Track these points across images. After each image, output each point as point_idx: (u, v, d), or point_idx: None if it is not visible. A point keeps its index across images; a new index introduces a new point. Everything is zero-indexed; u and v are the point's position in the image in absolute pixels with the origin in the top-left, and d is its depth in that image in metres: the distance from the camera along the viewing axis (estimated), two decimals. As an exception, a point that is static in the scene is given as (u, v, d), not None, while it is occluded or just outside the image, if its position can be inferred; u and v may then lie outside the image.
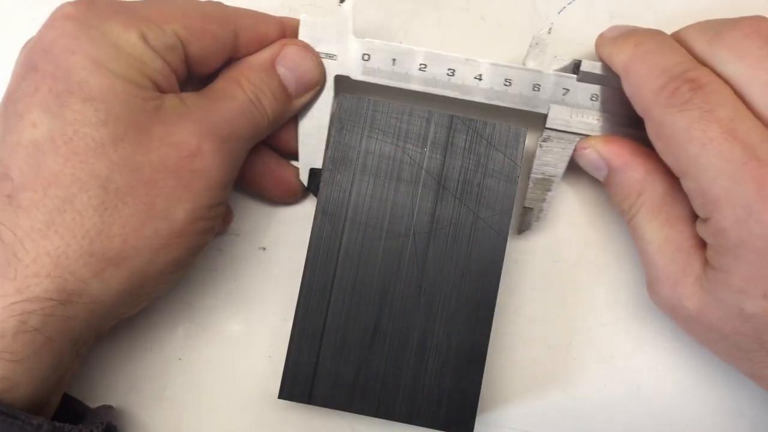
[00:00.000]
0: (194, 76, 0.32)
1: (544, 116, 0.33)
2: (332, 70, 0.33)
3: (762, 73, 0.28)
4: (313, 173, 0.34)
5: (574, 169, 0.34)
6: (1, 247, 0.26)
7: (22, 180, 0.27)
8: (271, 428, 0.35)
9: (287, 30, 0.33)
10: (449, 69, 0.33)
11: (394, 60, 0.33)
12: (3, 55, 0.32)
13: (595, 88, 0.33)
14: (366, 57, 0.33)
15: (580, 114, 0.33)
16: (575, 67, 0.33)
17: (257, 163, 0.34)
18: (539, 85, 0.33)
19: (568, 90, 0.33)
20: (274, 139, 0.34)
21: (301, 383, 0.32)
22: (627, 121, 0.33)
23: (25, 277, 0.26)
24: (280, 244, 0.36)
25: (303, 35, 0.33)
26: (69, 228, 0.27)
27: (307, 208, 0.36)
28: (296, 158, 0.34)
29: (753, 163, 0.26)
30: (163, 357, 0.35)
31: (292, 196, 0.35)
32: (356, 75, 0.33)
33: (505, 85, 0.33)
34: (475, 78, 0.33)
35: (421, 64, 0.33)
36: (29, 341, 0.26)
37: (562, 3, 0.37)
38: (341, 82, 0.34)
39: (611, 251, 0.36)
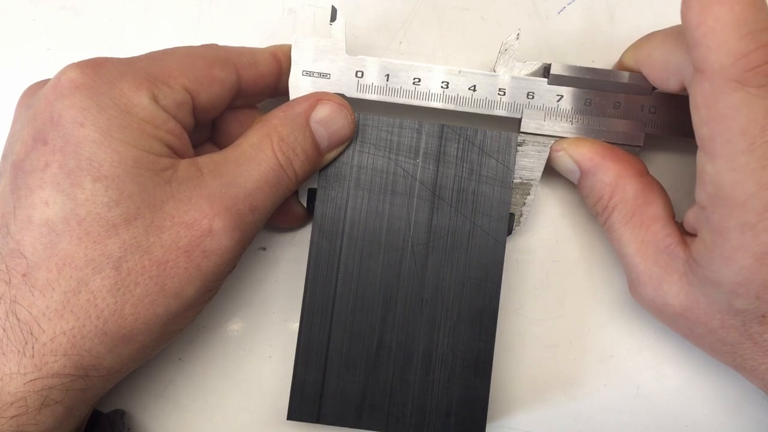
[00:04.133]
0: (199, 123, 0.31)
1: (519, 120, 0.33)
2: (327, 89, 0.33)
3: None
4: (312, 193, 0.34)
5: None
6: (17, 325, 0.26)
7: (36, 259, 0.26)
8: (270, 428, 0.35)
9: (281, 59, 0.32)
10: (443, 82, 0.33)
11: (387, 76, 0.33)
12: (3, 56, 0.31)
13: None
14: (359, 74, 0.33)
15: (552, 116, 0.33)
16: (545, 71, 0.33)
17: None
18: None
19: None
20: None
21: (308, 403, 0.32)
22: (599, 122, 0.33)
23: (43, 355, 0.26)
24: (280, 244, 0.36)
25: (296, 57, 0.32)
26: (84, 309, 0.26)
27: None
28: None
29: None
30: (163, 357, 0.35)
31: (295, 221, 0.35)
32: (351, 92, 0.33)
33: (499, 93, 0.33)
34: (469, 89, 0.33)
35: (415, 78, 0.33)
36: (52, 413, 0.27)
37: (562, 3, 0.37)
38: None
39: (611, 251, 0.36)
